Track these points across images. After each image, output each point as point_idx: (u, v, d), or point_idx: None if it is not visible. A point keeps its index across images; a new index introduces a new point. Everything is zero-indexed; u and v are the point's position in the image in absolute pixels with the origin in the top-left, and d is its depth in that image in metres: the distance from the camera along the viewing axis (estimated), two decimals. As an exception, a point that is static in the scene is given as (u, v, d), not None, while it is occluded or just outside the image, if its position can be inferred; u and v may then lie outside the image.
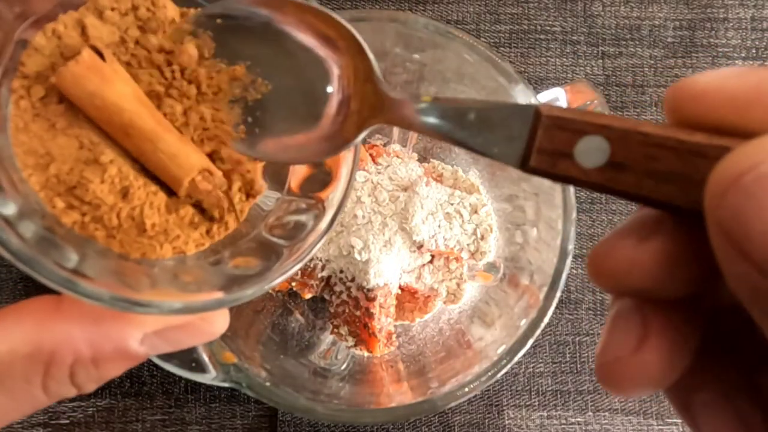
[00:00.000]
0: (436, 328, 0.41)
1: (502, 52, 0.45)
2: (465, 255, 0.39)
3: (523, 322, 0.33)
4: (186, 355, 0.31)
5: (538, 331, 0.33)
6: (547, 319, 0.33)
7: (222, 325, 0.23)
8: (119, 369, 0.22)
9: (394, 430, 0.42)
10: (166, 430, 0.41)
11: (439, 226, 0.37)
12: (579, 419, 0.43)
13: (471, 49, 0.33)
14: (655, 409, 0.43)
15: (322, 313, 0.41)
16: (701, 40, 0.46)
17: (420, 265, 0.39)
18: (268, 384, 0.32)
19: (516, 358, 0.33)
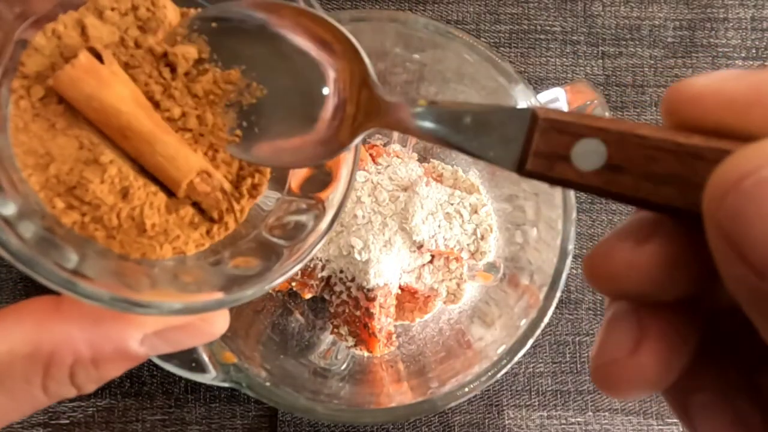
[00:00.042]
0: (436, 328, 0.41)
1: (502, 52, 0.45)
2: (465, 255, 0.39)
3: (523, 322, 0.33)
4: (186, 355, 0.31)
5: (538, 331, 0.33)
6: (547, 319, 0.33)
7: (222, 326, 0.23)
8: (119, 369, 0.22)
9: (394, 430, 0.42)
10: (166, 430, 0.41)
11: (439, 226, 0.37)
12: (579, 419, 0.43)
13: (471, 49, 0.33)
14: (655, 409, 0.43)
15: (322, 313, 0.41)
16: (701, 40, 0.46)
17: (420, 265, 0.39)
18: (268, 384, 0.32)
19: (516, 358, 0.33)
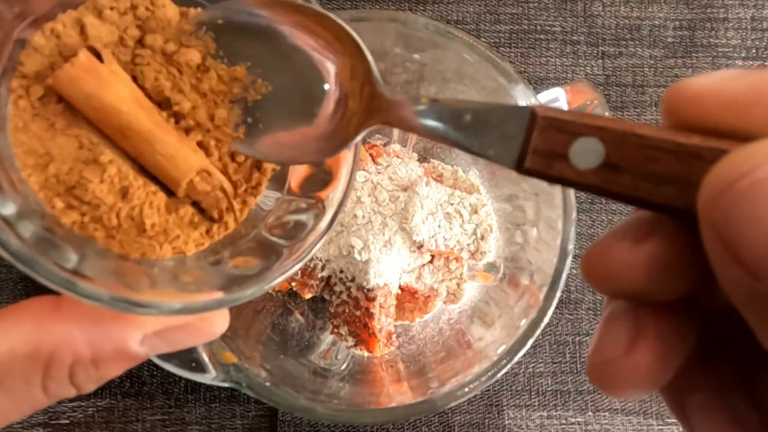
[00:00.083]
0: (436, 328, 0.41)
1: (502, 52, 0.45)
2: (465, 255, 0.38)
3: (523, 322, 0.33)
4: (186, 355, 0.31)
5: (538, 331, 0.33)
6: (547, 319, 0.33)
7: (222, 326, 0.23)
8: (119, 369, 0.22)
9: (394, 430, 0.42)
10: (166, 430, 0.41)
11: (439, 226, 0.37)
12: (579, 419, 0.42)
13: (471, 49, 0.33)
14: (655, 409, 0.43)
15: (322, 313, 0.41)
16: (701, 40, 0.46)
17: (420, 265, 0.39)
18: (268, 384, 0.32)
19: (516, 358, 0.33)
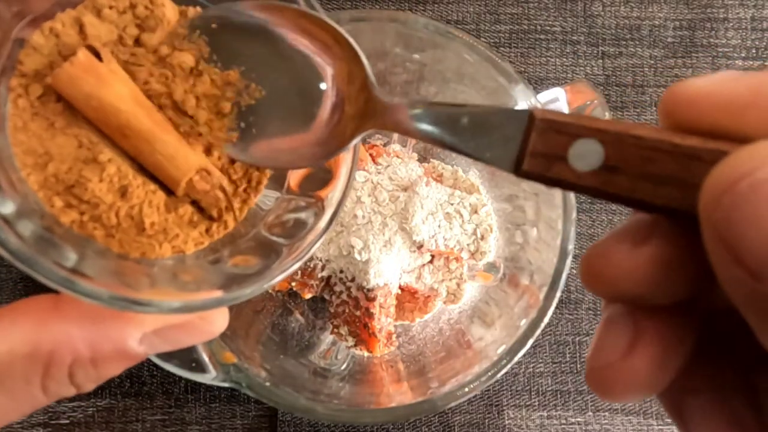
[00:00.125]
0: (436, 328, 0.41)
1: (502, 52, 0.45)
2: (465, 255, 0.38)
3: (523, 322, 0.33)
4: (186, 355, 0.31)
5: (538, 331, 0.33)
6: (547, 319, 0.33)
7: (221, 324, 0.23)
8: (118, 368, 0.22)
9: (394, 430, 0.42)
10: (166, 430, 0.41)
11: (439, 226, 0.37)
12: (579, 419, 0.42)
13: (471, 49, 0.33)
14: (655, 409, 0.43)
15: (322, 313, 0.41)
16: (701, 40, 0.46)
17: (420, 265, 0.39)
18: (268, 384, 0.32)
19: (516, 358, 0.33)
